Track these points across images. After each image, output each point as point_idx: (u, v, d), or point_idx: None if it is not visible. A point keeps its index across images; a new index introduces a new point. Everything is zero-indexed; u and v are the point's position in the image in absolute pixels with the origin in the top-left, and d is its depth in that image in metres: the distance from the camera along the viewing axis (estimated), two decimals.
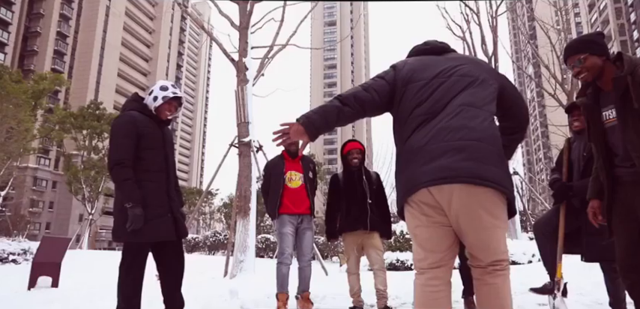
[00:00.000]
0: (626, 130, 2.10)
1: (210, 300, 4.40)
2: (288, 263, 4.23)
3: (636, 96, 2.03)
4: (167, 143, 3.02)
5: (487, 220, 1.67)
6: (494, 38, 13.13)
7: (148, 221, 2.70)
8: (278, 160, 4.43)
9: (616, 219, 2.23)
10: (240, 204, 7.62)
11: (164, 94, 2.96)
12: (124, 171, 2.71)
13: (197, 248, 25.83)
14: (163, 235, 2.83)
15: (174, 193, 2.99)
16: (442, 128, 1.70)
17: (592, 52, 2.22)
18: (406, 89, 1.86)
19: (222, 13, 8.80)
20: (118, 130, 2.82)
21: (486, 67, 1.92)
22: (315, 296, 5.07)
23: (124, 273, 2.76)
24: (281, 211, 4.23)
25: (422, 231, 1.75)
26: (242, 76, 8.09)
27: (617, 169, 2.22)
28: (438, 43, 2.05)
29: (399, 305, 4.83)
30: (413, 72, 1.89)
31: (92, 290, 5.92)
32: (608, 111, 2.23)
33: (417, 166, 1.68)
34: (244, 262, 7.20)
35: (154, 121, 2.96)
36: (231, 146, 8.12)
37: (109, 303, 4.36)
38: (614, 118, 2.20)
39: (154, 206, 2.76)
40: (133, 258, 2.78)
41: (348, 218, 4.06)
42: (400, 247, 11.62)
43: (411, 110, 1.80)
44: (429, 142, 1.69)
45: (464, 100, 1.75)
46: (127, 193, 2.68)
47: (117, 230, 2.76)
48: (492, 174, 1.65)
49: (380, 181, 4.34)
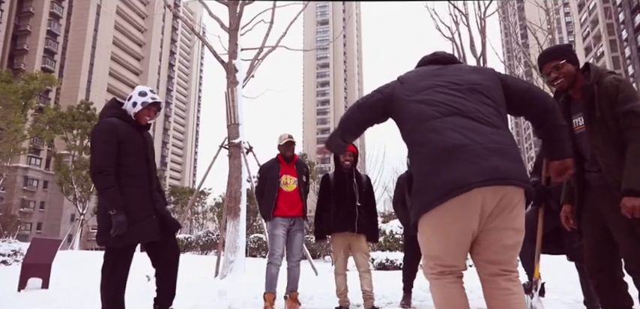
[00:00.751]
0: (593, 137, 2.22)
1: (198, 300, 4.46)
2: (278, 264, 4.31)
3: (599, 104, 2.17)
4: (148, 147, 3.08)
5: (521, 222, 1.68)
6: (483, 40, 13.32)
7: (131, 225, 2.75)
8: (273, 164, 4.52)
9: (585, 222, 2.35)
10: (231, 205, 7.68)
11: (143, 100, 3.01)
12: (106, 179, 2.75)
13: (190, 248, 25.77)
14: (147, 237, 2.90)
15: (157, 194, 3.05)
16: (476, 130, 1.64)
17: (568, 60, 2.36)
18: (419, 94, 1.81)
19: (213, 15, 8.83)
20: (98, 137, 2.85)
21: (489, 72, 1.90)
22: (303, 296, 5.15)
23: (107, 276, 2.82)
24: (275, 213, 4.33)
25: (452, 235, 1.65)
26: (232, 78, 8.14)
27: (586, 175, 2.33)
28: (447, 54, 2.05)
29: (386, 305, 4.94)
30: (423, 78, 1.87)
31: (83, 291, 5.95)
32: (577, 118, 2.36)
33: (464, 165, 1.57)
34: (234, 262, 7.27)
35: (133, 126, 3.01)
36: (221, 147, 8.18)
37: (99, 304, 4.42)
38: (582, 126, 2.32)
39: (137, 210, 2.82)
40: (115, 261, 2.84)
41: (337, 219, 4.15)
42: (390, 246, 11.76)
43: (429, 112, 1.73)
44: (469, 142, 1.61)
45: (483, 108, 1.72)
46: (110, 201, 2.72)
47: (100, 234, 2.81)
48: (526, 178, 1.66)
49: (370, 185, 4.44)
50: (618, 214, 2.07)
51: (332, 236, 4.25)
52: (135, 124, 3.02)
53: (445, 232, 1.65)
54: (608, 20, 61.13)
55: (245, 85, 8.42)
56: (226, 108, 7.91)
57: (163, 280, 3.02)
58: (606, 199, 2.19)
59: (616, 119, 2.15)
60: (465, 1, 14.48)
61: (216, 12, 8.55)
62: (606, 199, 2.19)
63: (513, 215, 1.63)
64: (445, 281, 1.70)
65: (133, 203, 2.80)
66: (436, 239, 1.69)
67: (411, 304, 4.69)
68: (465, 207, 1.58)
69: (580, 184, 2.37)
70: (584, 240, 2.37)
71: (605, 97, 2.17)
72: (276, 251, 4.26)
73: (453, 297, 1.68)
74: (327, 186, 4.31)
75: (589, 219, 2.33)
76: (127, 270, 2.89)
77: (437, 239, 1.69)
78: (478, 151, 1.59)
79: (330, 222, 4.20)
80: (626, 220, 2.05)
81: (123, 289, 2.87)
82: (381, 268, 10.30)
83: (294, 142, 4.56)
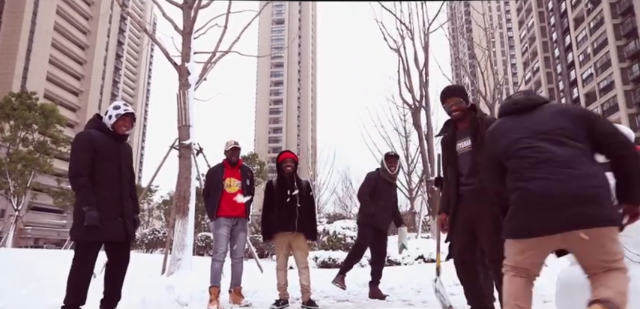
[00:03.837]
0: (476, 155, 2.93)
1: (146, 295, 4.68)
2: (221, 260, 4.68)
3: (482, 132, 2.89)
4: (122, 156, 3.44)
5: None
6: (426, 55, 14.29)
7: (100, 222, 3.12)
8: (218, 168, 4.91)
9: (457, 226, 3.05)
10: (180, 204, 7.86)
11: (117, 112, 3.42)
12: (81, 180, 3.15)
13: (134, 246, 25.04)
14: (113, 235, 3.26)
15: (127, 199, 3.41)
16: (565, 176, 1.89)
17: (464, 99, 3.13)
18: (508, 154, 2.12)
19: (166, 17, 8.93)
20: (77, 146, 3.26)
21: (577, 112, 2.09)
22: (248, 290, 5.52)
23: (77, 267, 3.16)
24: (218, 213, 4.70)
25: (532, 258, 2.02)
26: (184, 81, 8.31)
27: (461, 187, 3.04)
28: (528, 100, 2.22)
29: (323, 298, 5.43)
30: (507, 138, 2.16)
31: (25, 287, 5.93)
32: (461, 142, 3.08)
33: (548, 212, 1.87)
34: (182, 260, 7.46)
35: (111, 137, 3.40)
36: (171, 148, 8.32)
37: (44, 298, 4.53)
38: (466, 147, 3.04)
39: (106, 210, 3.19)
40: (84, 254, 3.18)
41: (279, 220, 4.56)
42: (333, 246, 12.37)
43: (519, 164, 2.05)
44: (555, 189, 1.88)
45: (566, 152, 1.95)
46: (84, 198, 3.11)
47: (74, 229, 3.18)
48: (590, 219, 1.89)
49: (309, 189, 4.90)
50: (488, 215, 2.76)
51: (275, 235, 4.64)
52: (113, 136, 3.41)
53: (519, 253, 2.05)
54: (543, 38, 66.03)
55: (197, 88, 8.63)
56: (178, 110, 8.08)
57: (111, 282, 3.36)
58: (481, 203, 2.84)
59: None
60: (412, 0, 15.31)
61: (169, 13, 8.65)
62: (481, 203, 2.84)
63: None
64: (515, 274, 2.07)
65: (104, 204, 3.17)
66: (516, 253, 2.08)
67: (344, 282, 5.27)
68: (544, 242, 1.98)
69: (457, 194, 3.06)
70: (455, 239, 3.06)
71: (485, 128, 2.86)
72: (219, 249, 4.65)
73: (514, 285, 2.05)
74: (270, 191, 4.74)
75: (461, 223, 3.02)
76: (93, 264, 3.25)
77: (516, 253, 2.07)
78: (563, 198, 1.87)
79: (274, 223, 4.62)
80: (493, 220, 2.69)
81: (88, 281, 3.20)
82: (324, 266, 10.83)
83: (239, 148, 4.96)
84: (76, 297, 3.13)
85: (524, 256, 2.01)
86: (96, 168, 3.24)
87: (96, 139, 3.30)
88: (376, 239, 5.37)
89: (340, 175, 49.87)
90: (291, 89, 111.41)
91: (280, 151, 5.16)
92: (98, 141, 3.30)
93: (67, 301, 3.12)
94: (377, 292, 5.25)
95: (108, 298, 3.33)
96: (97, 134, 3.34)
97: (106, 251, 3.39)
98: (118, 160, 3.40)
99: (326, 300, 5.23)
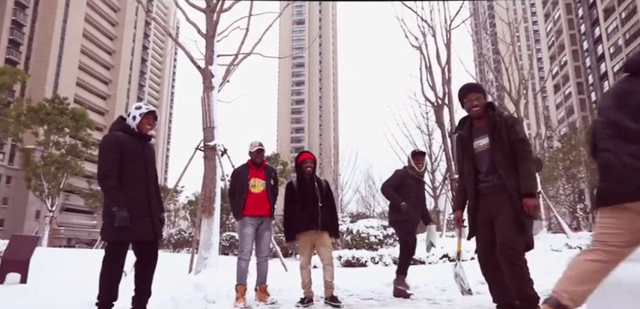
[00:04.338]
0: (494, 152, 2.98)
1: (175, 293, 4.81)
2: (247, 259, 4.77)
3: (499, 131, 2.96)
4: (147, 157, 3.53)
5: None
6: (448, 52, 14.11)
7: (130, 222, 3.19)
8: (243, 168, 5.00)
9: (478, 224, 3.07)
10: (206, 204, 8.01)
11: (140, 112, 3.49)
12: (109, 181, 3.22)
13: (161, 246, 25.61)
14: (142, 234, 3.34)
15: (154, 199, 3.48)
16: None
17: (484, 96, 3.15)
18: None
19: (190, 21, 9.11)
20: (105, 147, 3.33)
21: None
22: (273, 289, 5.58)
23: (108, 266, 3.27)
24: (244, 213, 4.79)
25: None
26: (208, 83, 8.47)
27: (480, 184, 3.08)
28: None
29: (348, 296, 5.45)
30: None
31: (60, 285, 6.20)
32: (479, 140, 3.11)
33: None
34: (208, 259, 7.60)
35: (136, 138, 3.47)
36: (196, 149, 8.51)
37: (79, 295, 4.74)
38: (483, 145, 3.07)
39: (135, 210, 3.26)
40: (116, 253, 3.29)
41: (302, 220, 4.63)
42: (356, 245, 12.36)
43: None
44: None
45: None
46: (113, 199, 3.19)
47: (104, 229, 3.26)
48: None
49: (329, 188, 4.97)
50: (507, 207, 2.84)
51: (298, 235, 4.70)
52: (137, 136, 3.47)
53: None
54: (571, 31, 64.06)
55: (220, 90, 8.79)
56: (202, 112, 8.25)
57: (141, 280, 3.45)
58: (500, 197, 2.91)
59: (511, 143, 2.94)
60: (433, 0, 15.17)
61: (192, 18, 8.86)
62: (500, 197, 2.91)
63: None
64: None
65: (132, 204, 3.25)
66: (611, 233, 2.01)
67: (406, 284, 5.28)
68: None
69: (476, 191, 3.07)
70: (477, 237, 3.10)
71: (504, 127, 2.96)
72: (245, 248, 4.74)
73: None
74: (291, 192, 4.81)
75: (481, 220, 3.05)
76: (122, 263, 3.35)
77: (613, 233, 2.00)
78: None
79: (296, 223, 4.69)
80: (513, 212, 2.80)
81: (119, 279, 3.32)
82: (348, 265, 10.84)
83: (263, 150, 5.05)
84: (108, 294, 3.25)
85: None
86: (123, 169, 3.30)
87: (122, 140, 3.36)
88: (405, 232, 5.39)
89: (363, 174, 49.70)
90: (312, 89, 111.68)
91: (301, 151, 5.23)
92: (124, 142, 3.37)
93: (101, 298, 3.24)
94: (401, 290, 5.24)
95: (139, 295, 3.43)
96: (123, 136, 3.40)
97: (134, 250, 3.47)
98: (144, 161, 3.47)
99: (350, 298, 5.25)
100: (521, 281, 2.75)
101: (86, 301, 4.01)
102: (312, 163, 4.81)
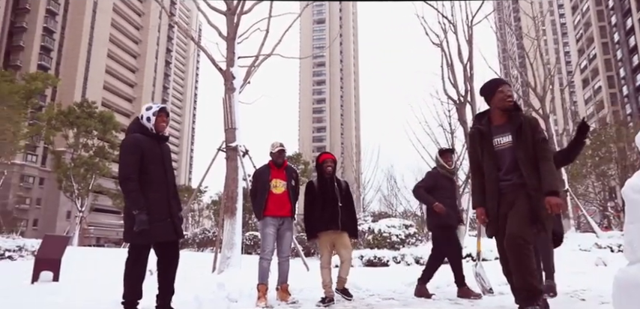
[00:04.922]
0: (517, 151, 2.98)
1: (199, 292, 4.91)
2: (269, 258, 4.82)
3: (524, 130, 2.98)
4: (165, 158, 3.58)
5: None
6: (470, 49, 13.88)
7: (151, 224, 3.24)
8: (265, 169, 5.04)
9: (501, 220, 3.03)
10: (228, 204, 8.13)
11: (152, 112, 3.50)
12: (130, 184, 3.26)
13: (186, 245, 26.13)
14: (164, 236, 3.40)
15: (173, 199, 3.54)
16: None
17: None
18: None
19: (211, 24, 9.26)
20: (126, 149, 3.37)
21: None
22: (294, 288, 5.62)
23: (130, 266, 3.36)
24: (265, 213, 4.84)
25: None
26: (229, 85, 8.59)
27: (500, 183, 3.07)
28: None
29: (369, 296, 5.45)
30: None
31: (91, 283, 6.44)
32: (499, 138, 3.10)
33: None
34: (231, 258, 7.71)
35: (153, 139, 3.50)
36: (219, 150, 8.64)
37: (108, 294, 4.90)
38: (504, 143, 3.07)
39: (156, 212, 3.31)
40: (138, 255, 3.37)
41: (322, 219, 4.67)
42: (378, 244, 12.32)
43: None
44: None
45: None
46: (134, 202, 3.23)
47: (126, 232, 3.33)
48: None
49: (348, 189, 5.00)
50: (523, 201, 2.88)
51: (318, 235, 4.75)
52: (154, 138, 3.50)
53: None
54: (600, 23, 61.93)
55: (242, 92, 8.90)
56: (224, 113, 8.38)
57: (165, 279, 3.52)
58: (520, 193, 2.92)
59: (534, 143, 2.96)
60: (454, 0, 14.92)
61: (214, 21, 9.00)
62: (520, 193, 2.92)
63: None
64: None
65: (153, 206, 3.29)
66: None
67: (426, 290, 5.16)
68: None
69: (497, 189, 3.07)
70: (498, 235, 3.09)
71: (528, 127, 2.98)
72: (266, 247, 4.78)
73: None
74: (312, 191, 4.85)
75: (503, 217, 3.04)
76: (145, 264, 3.43)
77: None
78: None
79: (316, 222, 4.73)
80: (529, 208, 2.84)
81: (142, 278, 3.40)
82: (369, 264, 10.82)
83: (284, 150, 5.09)
84: (133, 294, 3.34)
85: None
86: (143, 171, 3.32)
87: (141, 142, 3.38)
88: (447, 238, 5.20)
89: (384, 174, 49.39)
90: (333, 88, 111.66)
91: (322, 150, 5.26)
92: (144, 144, 3.39)
93: (126, 298, 3.34)
94: (423, 290, 5.20)
95: (163, 294, 3.51)
96: (141, 137, 3.42)
97: (156, 251, 3.50)
98: (163, 162, 3.51)
99: (371, 298, 5.24)
100: (526, 271, 2.76)
101: (115, 300, 4.13)
102: (332, 163, 4.84)
